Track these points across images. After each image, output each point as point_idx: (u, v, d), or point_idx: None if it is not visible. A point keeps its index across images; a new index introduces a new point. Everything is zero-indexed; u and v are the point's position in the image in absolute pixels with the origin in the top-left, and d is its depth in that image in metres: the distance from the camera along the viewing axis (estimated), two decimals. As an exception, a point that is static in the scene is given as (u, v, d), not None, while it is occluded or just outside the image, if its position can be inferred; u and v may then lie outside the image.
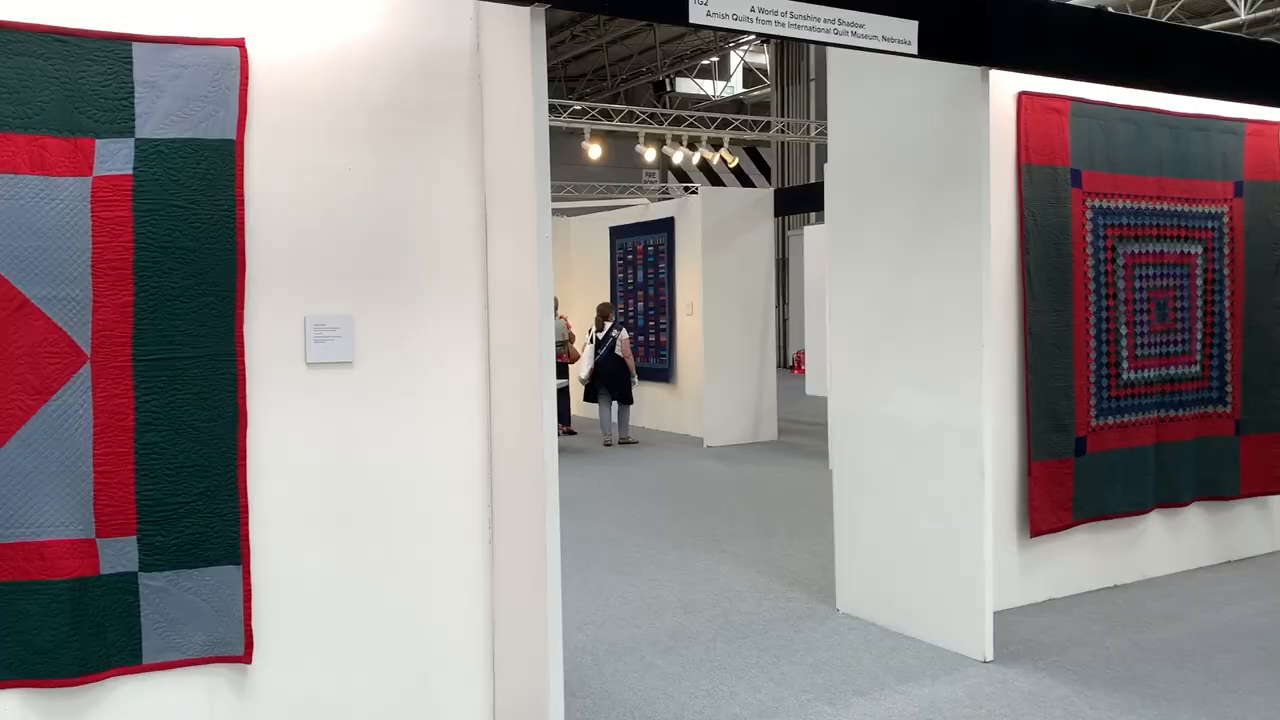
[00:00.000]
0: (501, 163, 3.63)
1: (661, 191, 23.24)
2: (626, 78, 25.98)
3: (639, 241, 13.49)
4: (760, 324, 12.23)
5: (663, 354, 13.02)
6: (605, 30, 22.97)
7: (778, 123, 20.94)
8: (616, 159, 21.62)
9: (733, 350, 11.90)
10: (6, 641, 3.01)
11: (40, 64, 2.99)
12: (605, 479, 9.68)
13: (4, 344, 2.96)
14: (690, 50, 24.19)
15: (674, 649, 4.81)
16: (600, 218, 14.69)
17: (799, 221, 21.00)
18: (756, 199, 12.62)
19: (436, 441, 3.71)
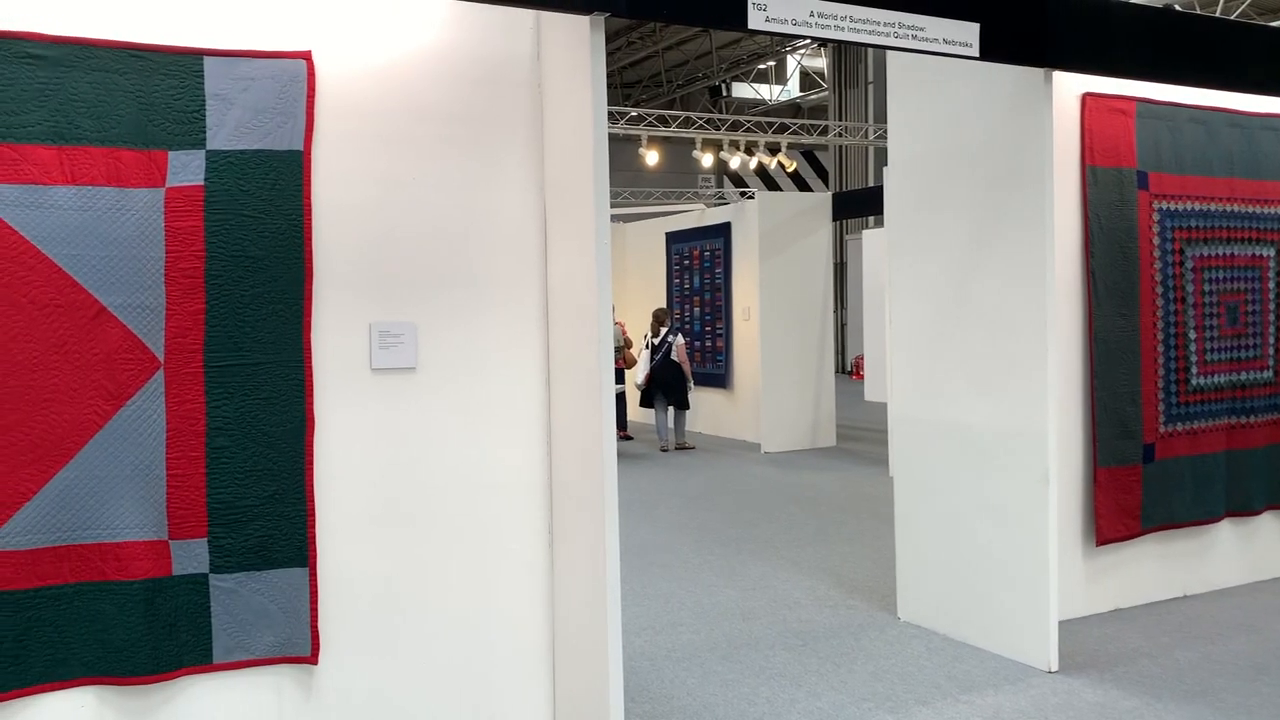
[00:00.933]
0: (561, 170, 3.66)
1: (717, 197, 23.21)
2: (682, 83, 26.00)
3: (695, 246, 13.49)
4: (818, 329, 12.15)
5: (719, 359, 13.00)
6: (661, 36, 23.02)
7: (835, 126, 20.81)
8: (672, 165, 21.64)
9: (790, 355, 11.84)
10: (85, 639, 3.10)
11: (117, 79, 3.08)
12: (662, 484, 9.69)
13: (82, 350, 3.06)
14: (747, 55, 24.14)
15: (733, 655, 4.80)
16: (656, 223, 14.72)
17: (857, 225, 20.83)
18: (814, 203, 12.56)
19: (497, 446, 3.74)
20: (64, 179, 3.01)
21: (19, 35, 2.97)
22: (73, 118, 3.03)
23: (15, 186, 2.96)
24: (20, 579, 3.01)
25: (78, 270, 3.04)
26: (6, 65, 2.96)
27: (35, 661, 3.04)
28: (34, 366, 3.01)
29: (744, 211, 12.60)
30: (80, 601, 3.09)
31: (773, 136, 17.20)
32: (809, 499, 8.81)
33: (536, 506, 3.79)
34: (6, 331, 2.97)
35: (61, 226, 3.01)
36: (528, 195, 3.76)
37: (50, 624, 3.06)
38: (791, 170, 17.89)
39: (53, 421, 3.03)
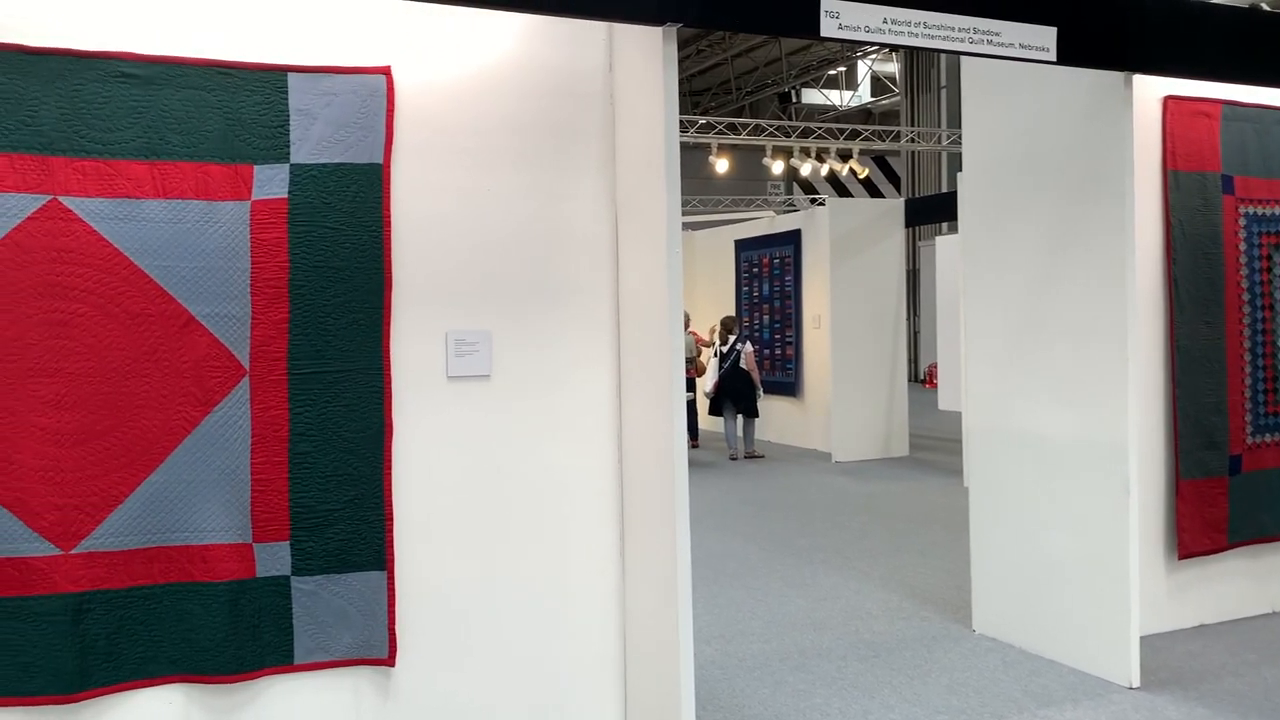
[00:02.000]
0: (633, 180, 3.69)
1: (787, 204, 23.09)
2: (752, 90, 25.95)
3: (764, 254, 13.45)
4: (890, 337, 12.03)
5: (789, 367, 12.93)
6: (730, 44, 23.01)
7: (908, 132, 20.59)
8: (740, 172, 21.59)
9: (862, 363, 11.73)
10: (173, 638, 3.20)
11: (205, 95, 3.19)
12: (731, 493, 9.66)
13: (171, 358, 3.16)
14: (817, 60, 24.01)
15: (804, 665, 4.77)
16: (725, 231, 14.71)
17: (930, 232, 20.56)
18: (886, 209, 12.44)
19: (569, 453, 3.78)
20: (155, 193, 3.12)
21: (114, 55, 3.09)
22: (164, 134, 3.14)
23: (110, 200, 3.08)
24: (114, 579, 3.13)
25: (168, 281, 3.15)
26: (102, 84, 3.08)
27: (127, 659, 3.15)
28: (127, 374, 3.12)
29: (814, 218, 12.53)
30: (169, 601, 3.20)
31: (844, 143, 17.07)
32: (881, 509, 8.72)
33: (608, 514, 3.82)
34: (102, 340, 3.09)
35: (153, 239, 3.12)
36: (600, 205, 3.80)
37: (141, 623, 3.17)
38: (863, 176, 17.73)
39: (144, 427, 3.14)
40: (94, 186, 3.06)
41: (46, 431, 3.04)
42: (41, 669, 3.06)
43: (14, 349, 3.00)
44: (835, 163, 17.16)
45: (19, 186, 2.99)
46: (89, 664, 3.11)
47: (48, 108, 3.03)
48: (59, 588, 3.06)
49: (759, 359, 12.56)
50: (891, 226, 12.17)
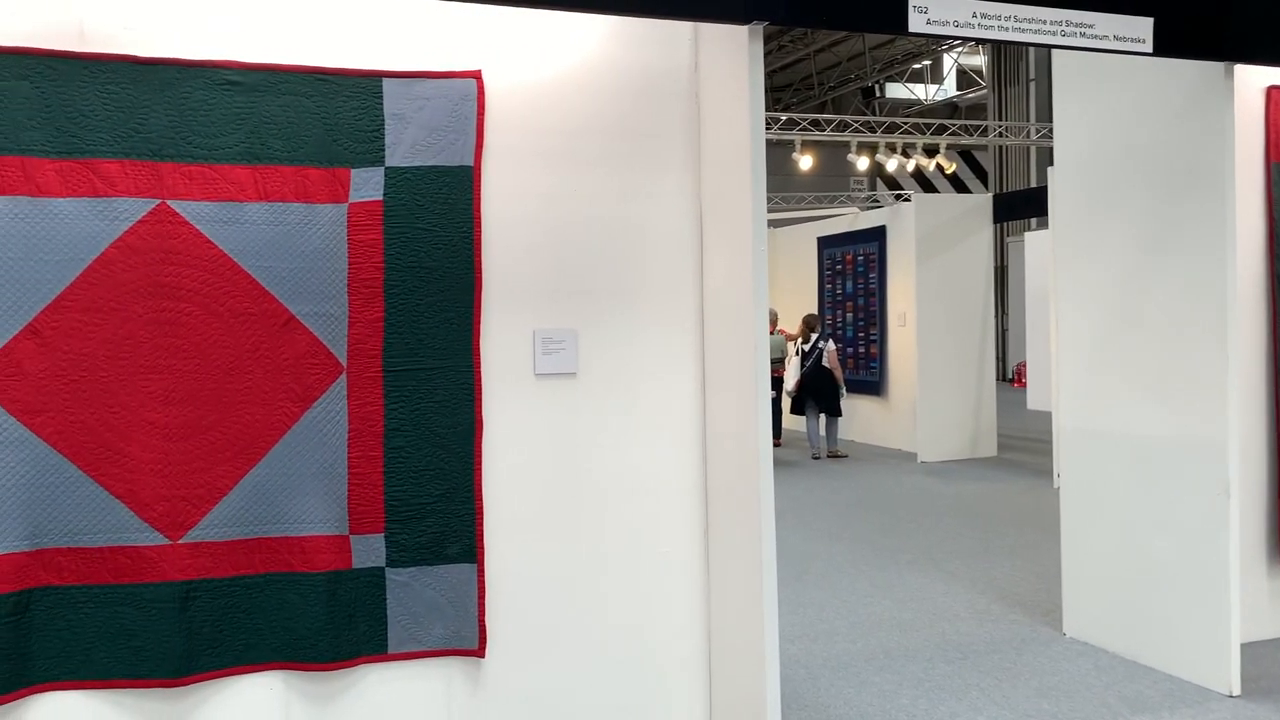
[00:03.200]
0: (718, 179, 3.70)
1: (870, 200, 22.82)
2: (834, 85, 25.71)
3: (848, 251, 13.32)
4: (978, 335, 11.82)
5: (873, 366, 12.80)
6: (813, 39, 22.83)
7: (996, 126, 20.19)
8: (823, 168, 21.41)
9: (948, 362, 11.55)
10: (274, 627, 3.32)
11: (305, 101, 3.29)
12: (814, 492, 9.61)
13: (273, 355, 3.28)
14: (901, 55, 23.69)
15: (890, 666, 4.73)
16: (807, 228, 14.61)
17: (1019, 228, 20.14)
18: (973, 205, 12.23)
19: (654, 451, 3.81)
20: (257, 196, 3.24)
21: (219, 64, 3.21)
22: (265, 139, 3.25)
23: (215, 204, 3.20)
24: (218, 568, 3.25)
25: (269, 281, 3.26)
26: (208, 92, 3.20)
27: (230, 645, 3.28)
28: (230, 371, 3.24)
29: (900, 214, 12.38)
30: (270, 591, 3.31)
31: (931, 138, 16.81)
32: (968, 510, 8.58)
33: (692, 512, 3.84)
34: (207, 338, 3.21)
35: (255, 240, 3.24)
36: (684, 204, 3.82)
37: (243, 611, 3.29)
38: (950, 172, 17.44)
39: (247, 422, 3.26)
40: (200, 190, 3.19)
41: (155, 426, 3.18)
42: (151, 653, 3.20)
43: (125, 347, 3.14)
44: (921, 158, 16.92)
45: (130, 191, 3.13)
46: (194, 649, 3.24)
47: (157, 115, 3.16)
48: (167, 576, 3.20)
49: (842, 357, 12.45)
50: (979, 222, 11.96)
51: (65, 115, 3.08)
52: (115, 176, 3.11)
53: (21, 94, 3.03)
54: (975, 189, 24.49)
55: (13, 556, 3.06)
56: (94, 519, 3.14)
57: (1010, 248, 21.64)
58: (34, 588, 3.11)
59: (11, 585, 3.06)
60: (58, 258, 3.07)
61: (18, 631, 3.07)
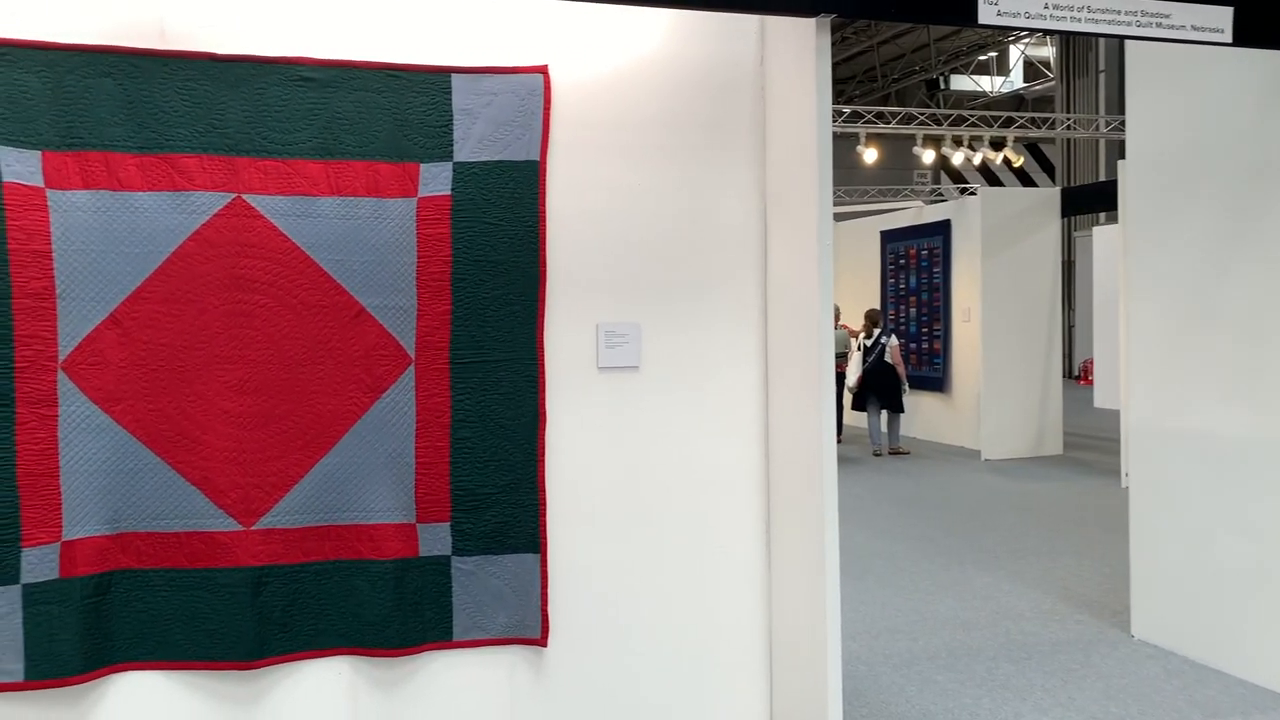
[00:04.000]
0: (783, 173, 3.69)
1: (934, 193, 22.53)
2: (898, 77, 25.41)
3: (912, 245, 13.18)
4: (1044, 331, 11.63)
5: (936, 362, 12.65)
6: (876, 31, 22.57)
7: (1064, 119, 19.80)
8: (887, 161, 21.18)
9: (1014, 358, 11.38)
10: (342, 612, 3.38)
11: (375, 97, 3.35)
12: (876, 489, 9.53)
13: (344, 347, 3.34)
14: (967, 46, 23.33)
15: (953, 665, 4.69)
16: (870, 222, 14.47)
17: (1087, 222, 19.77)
18: (1041, 199, 12.02)
19: (716, 445, 3.81)
20: (330, 191, 3.30)
21: (293, 60, 3.28)
22: (337, 134, 3.31)
23: (288, 198, 3.27)
24: (290, 554, 3.33)
25: (341, 274, 3.32)
26: (282, 88, 3.27)
27: (300, 630, 3.35)
28: (302, 362, 3.31)
29: (965, 208, 12.21)
30: (339, 577, 3.38)
31: (998, 130, 16.54)
32: (1033, 509, 8.46)
33: (754, 507, 3.84)
34: (280, 329, 3.28)
35: (327, 234, 3.30)
36: (749, 198, 3.81)
37: (313, 597, 3.36)
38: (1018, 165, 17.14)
39: (318, 412, 3.33)
40: (274, 185, 3.26)
41: (230, 415, 3.26)
42: (224, 636, 3.29)
43: (202, 338, 3.23)
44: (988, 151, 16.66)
45: (207, 185, 3.21)
46: (266, 634, 3.32)
47: (233, 111, 3.23)
48: (240, 561, 3.28)
49: (905, 353, 12.33)
50: (1046, 216, 11.75)
51: (146, 111, 3.16)
52: (193, 171, 3.19)
53: (105, 91, 3.12)
54: (1042, 183, 24.06)
55: (94, 540, 3.17)
56: (171, 504, 3.23)
57: (1078, 242, 21.23)
58: (114, 570, 3.21)
59: (93, 567, 3.16)
60: (138, 250, 3.16)
61: (99, 612, 3.18)
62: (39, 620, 3.09)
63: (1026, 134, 18.20)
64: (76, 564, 3.14)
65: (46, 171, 3.07)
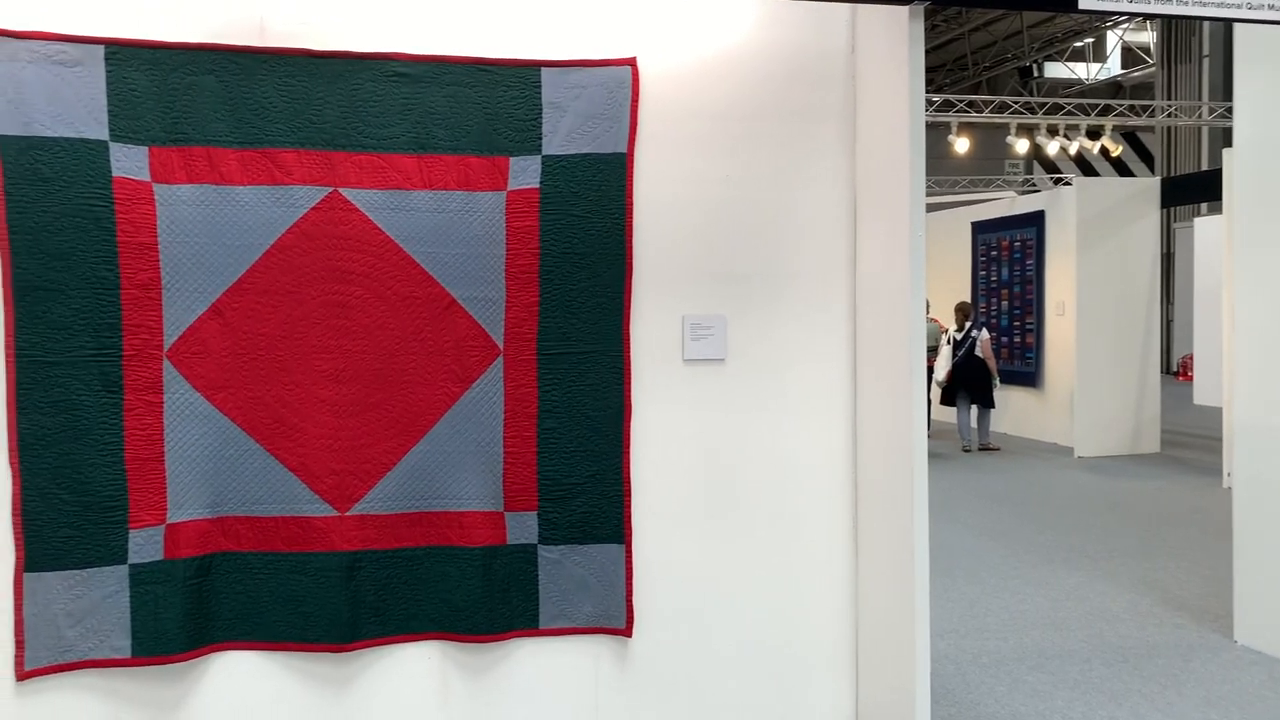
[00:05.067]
0: (873, 164, 3.64)
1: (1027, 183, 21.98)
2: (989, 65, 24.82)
3: (1004, 237, 12.89)
4: (1141, 325, 11.28)
5: (1028, 356, 12.36)
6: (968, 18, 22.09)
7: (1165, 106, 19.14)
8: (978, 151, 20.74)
9: (1109, 353, 11.06)
10: (432, 598, 3.45)
11: (467, 91, 3.39)
12: (965, 485, 9.36)
13: (435, 338, 3.40)
14: (1062, 32, 22.69)
15: (1044, 666, 4.59)
16: (961, 213, 14.19)
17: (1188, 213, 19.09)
18: (1139, 189, 11.65)
19: (802, 439, 3.78)
20: (422, 184, 3.36)
21: (388, 56, 3.34)
22: (430, 129, 3.36)
23: (383, 192, 3.33)
24: (383, 540, 3.40)
25: (433, 266, 3.38)
26: (377, 83, 3.33)
27: (393, 615, 3.43)
28: (396, 352, 3.38)
29: (1059, 199, 11.90)
30: (429, 564, 3.44)
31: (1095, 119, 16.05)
32: (1129, 508, 8.21)
33: (841, 502, 3.80)
34: (375, 320, 3.35)
35: (420, 227, 3.36)
36: (838, 189, 3.77)
37: (405, 582, 3.43)
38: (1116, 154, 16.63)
39: (410, 401, 3.39)
40: (369, 179, 3.32)
41: (326, 403, 3.34)
42: (319, 619, 3.37)
43: (301, 328, 3.31)
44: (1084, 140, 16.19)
45: (306, 179, 3.29)
46: (359, 618, 3.40)
47: (330, 106, 3.30)
48: (335, 546, 3.37)
49: (996, 347, 12.07)
50: (1145, 207, 11.39)
51: (246, 107, 3.25)
52: (292, 165, 3.27)
53: (208, 88, 3.22)
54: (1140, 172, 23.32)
55: (197, 523, 3.28)
56: (270, 490, 3.33)
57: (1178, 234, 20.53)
58: (215, 553, 3.31)
59: (196, 550, 3.27)
60: (239, 242, 3.26)
61: (200, 593, 3.29)
62: (144, 599, 3.22)
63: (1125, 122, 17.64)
64: (180, 546, 3.25)
65: (153, 166, 3.18)
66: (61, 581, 3.17)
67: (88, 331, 3.16)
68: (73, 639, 3.19)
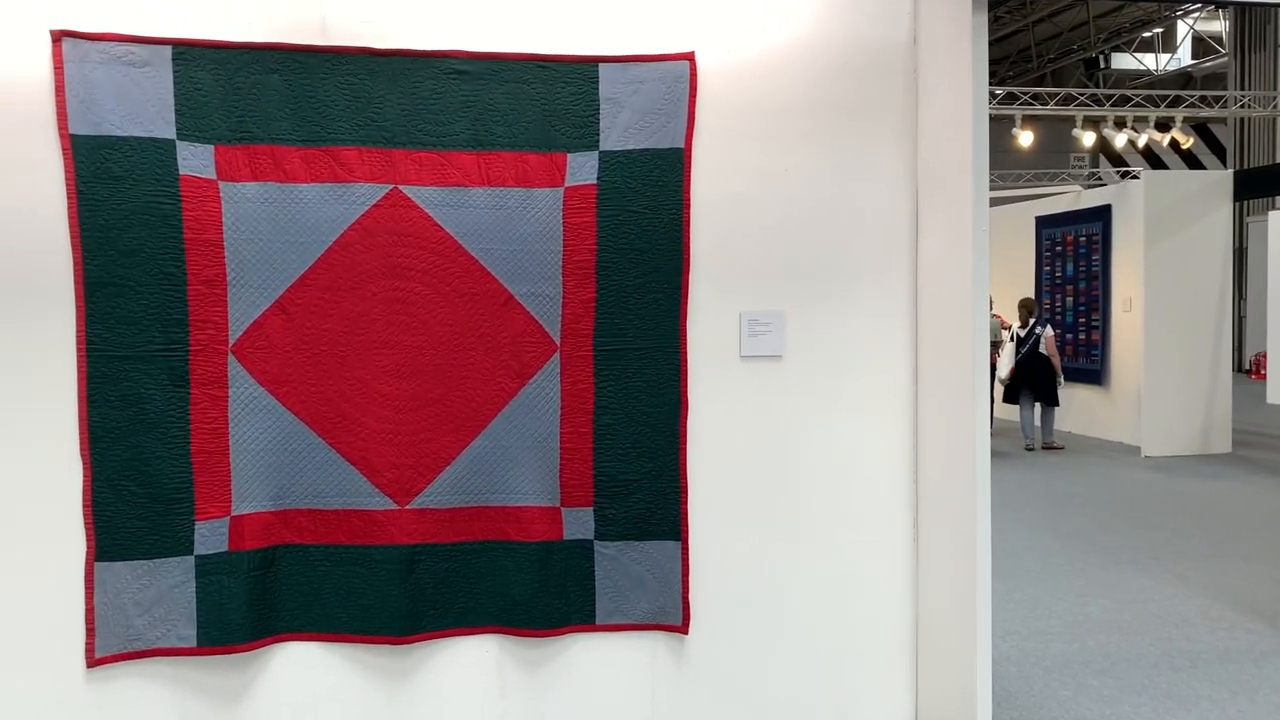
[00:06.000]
0: (935, 157, 3.58)
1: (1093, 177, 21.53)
2: (1054, 57, 24.35)
3: (1069, 232, 12.64)
4: (1212, 322, 10.99)
5: (1094, 353, 12.11)
6: (1032, 8, 21.68)
7: (1238, 97, 18.61)
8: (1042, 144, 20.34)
9: (1178, 351, 10.80)
10: (490, 592, 3.47)
11: (525, 88, 3.40)
12: (1028, 485, 9.20)
13: (493, 334, 3.42)
14: (1130, 22, 22.17)
15: (1110, 670, 4.49)
16: (1024, 207, 13.94)
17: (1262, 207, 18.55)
18: (1211, 182, 11.34)
19: (862, 436, 3.74)
20: (481, 181, 3.37)
21: (448, 54, 3.36)
22: (489, 126, 3.38)
23: (443, 189, 3.36)
24: (442, 534, 3.43)
25: (490, 262, 3.39)
26: (437, 81, 3.35)
27: (451, 608, 3.45)
28: (454, 348, 3.40)
29: (1127, 192, 11.64)
30: (488, 558, 3.47)
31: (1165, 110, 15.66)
32: (1199, 510, 8.01)
33: (900, 500, 3.75)
34: (434, 316, 3.38)
35: (478, 224, 3.38)
36: (899, 183, 3.71)
37: (463, 576, 3.46)
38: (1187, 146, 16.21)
39: (469, 396, 3.42)
40: (429, 176, 3.35)
41: (387, 398, 3.38)
42: (379, 611, 3.41)
43: (362, 323, 3.35)
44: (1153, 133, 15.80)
45: (367, 177, 3.32)
46: (418, 610, 3.43)
47: (390, 104, 3.33)
48: (395, 539, 3.40)
49: (1060, 343, 11.84)
50: (1216, 201, 11.09)
51: (309, 106, 3.29)
52: (353, 163, 3.31)
53: (272, 87, 3.27)
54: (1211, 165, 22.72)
55: (261, 515, 3.33)
56: (331, 483, 3.37)
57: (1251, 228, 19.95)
58: (278, 545, 3.37)
59: (260, 541, 3.33)
60: (302, 239, 3.30)
61: (264, 584, 3.34)
62: (210, 590, 3.28)
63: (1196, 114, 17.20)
64: (244, 538, 3.31)
65: (219, 164, 3.24)
66: (130, 571, 3.24)
67: (155, 326, 3.22)
68: (141, 628, 3.26)
